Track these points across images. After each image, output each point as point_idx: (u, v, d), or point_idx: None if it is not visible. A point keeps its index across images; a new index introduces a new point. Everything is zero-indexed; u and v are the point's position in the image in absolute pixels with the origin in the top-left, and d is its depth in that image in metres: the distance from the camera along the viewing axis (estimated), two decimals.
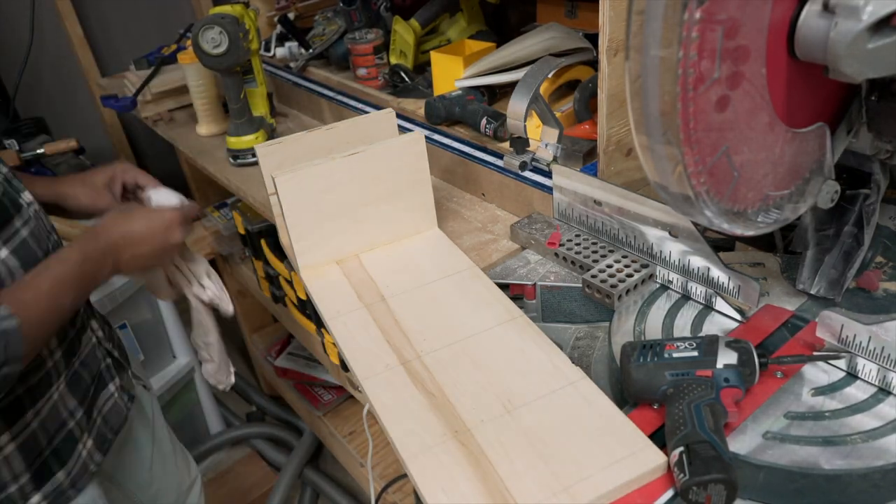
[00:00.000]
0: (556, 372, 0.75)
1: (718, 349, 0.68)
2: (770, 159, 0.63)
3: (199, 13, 2.27)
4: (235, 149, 1.42)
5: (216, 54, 1.28)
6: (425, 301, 0.90)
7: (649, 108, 0.57)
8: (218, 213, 1.97)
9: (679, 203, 0.62)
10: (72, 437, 0.91)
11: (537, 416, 0.70)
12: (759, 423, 0.66)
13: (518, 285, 0.93)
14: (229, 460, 2.17)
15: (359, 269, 0.98)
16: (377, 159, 0.97)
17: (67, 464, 0.90)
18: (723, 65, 0.55)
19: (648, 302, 0.85)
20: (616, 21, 0.90)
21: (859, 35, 0.53)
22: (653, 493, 0.63)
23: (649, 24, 0.54)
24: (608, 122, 0.98)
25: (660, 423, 0.68)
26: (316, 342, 1.56)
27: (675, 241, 0.84)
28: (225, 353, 1.18)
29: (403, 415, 0.73)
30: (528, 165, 1.11)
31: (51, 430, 0.88)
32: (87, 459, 0.94)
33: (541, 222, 1.03)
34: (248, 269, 1.92)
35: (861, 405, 0.67)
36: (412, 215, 1.03)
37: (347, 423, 1.93)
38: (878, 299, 0.78)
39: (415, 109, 1.37)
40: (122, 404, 1.03)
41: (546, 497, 0.62)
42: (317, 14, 1.81)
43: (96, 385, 0.98)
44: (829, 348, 0.70)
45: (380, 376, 0.78)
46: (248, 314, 2.29)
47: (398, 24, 1.50)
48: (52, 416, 0.88)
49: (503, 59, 1.30)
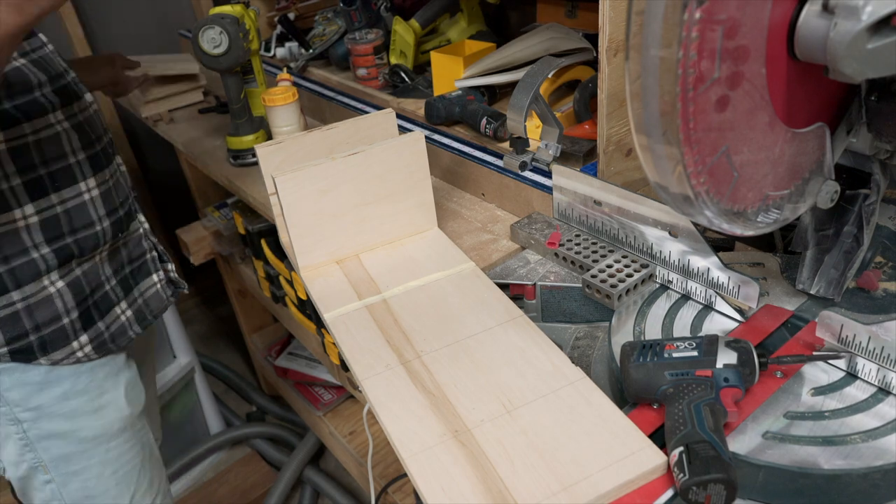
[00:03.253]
0: (556, 372, 0.76)
1: (718, 349, 0.68)
2: (770, 159, 0.63)
3: (199, 13, 2.27)
4: (235, 149, 1.42)
5: (216, 54, 1.28)
6: (425, 301, 0.90)
7: (649, 108, 0.57)
8: (218, 213, 1.97)
9: (679, 203, 0.62)
10: (108, 299, 1.03)
11: (537, 415, 0.71)
12: (758, 423, 0.66)
13: (518, 285, 0.93)
14: (229, 460, 2.17)
15: (359, 269, 0.98)
16: (377, 159, 0.97)
17: (106, 318, 1.02)
18: (723, 65, 0.55)
19: (648, 302, 0.86)
20: (616, 21, 0.90)
21: (859, 35, 0.53)
22: (653, 493, 0.63)
23: (649, 24, 0.54)
24: (608, 122, 0.98)
25: (660, 423, 0.68)
26: (316, 342, 1.56)
27: (675, 241, 0.84)
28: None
29: (403, 415, 0.73)
30: (528, 165, 1.11)
31: (92, 284, 1.00)
32: (126, 325, 1.06)
33: (541, 222, 1.03)
34: (248, 269, 1.92)
35: (861, 405, 0.67)
36: (412, 215, 1.03)
37: (347, 423, 1.94)
38: (877, 299, 0.78)
39: (415, 109, 1.37)
40: (164, 296, 1.14)
41: (546, 497, 0.62)
42: (317, 14, 1.81)
43: (139, 269, 1.09)
44: (829, 348, 0.70)
45: (380, 376, 0.78)
46: (248, 314, 2.29)
47: (398, 25, 1.50)
48: (93, 274, 1.00)
49: (503, 59, 1.30)
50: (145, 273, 1.11)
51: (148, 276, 1.12)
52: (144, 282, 1.11)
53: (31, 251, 0.92)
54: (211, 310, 2.89)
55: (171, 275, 1.18)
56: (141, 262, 1.10)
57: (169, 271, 1.17)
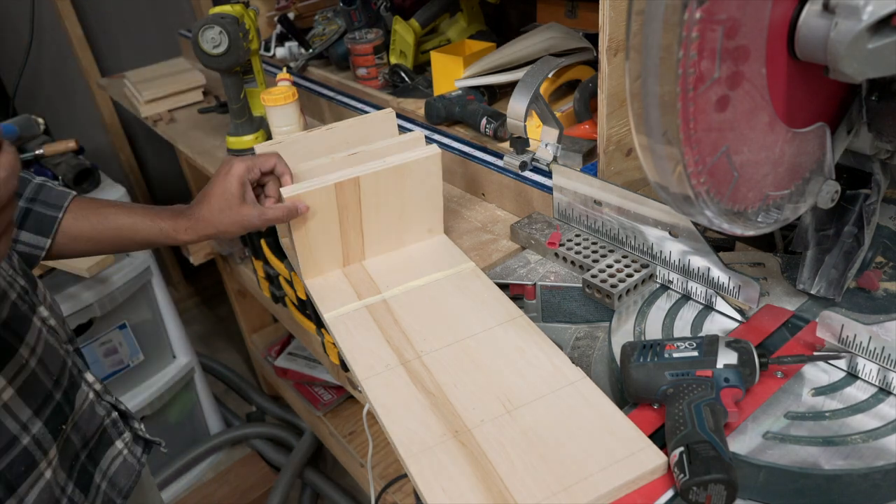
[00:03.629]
0: (556, 372, 0.75)
1: (718, 349, 0.68)
2: (770, 159, 0.63)
3: (199, 13, 2.27)
4: (235, 149, 1.42)
5: (216, 54, 1.28)
6: (425, 301, 0.90)
7: (649, 108, 0.57)
8: None
9: (679, 203, 0.62)
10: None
11: (537, 416, 0.70)
12: (759, 423, 0.66)
13: (518, 285, 0.93)
14: (229, 460, 2.17)
15: (359, 269, 0.98)
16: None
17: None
18: (723, 65, 0.55)
19: (648, 302, 0.85)
20: (616, 21, 0.90)
21: (859, 35, 0.53)
22: (653, 494, 0.63)
23: (649, 24, 0.54)
24: (608, 122, 0.98)
25: (660, 423, 0.68)
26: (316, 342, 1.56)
27: (675, 241, 0.84)
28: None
29: (403, 415, 0.73)
30: (528, 165, 1.11)
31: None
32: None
33: (541, 222, 1.03)
34: (248, 269, 1.92)
35: (861, 405, 0.67)
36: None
37: (347, 423, 1.93)
38: (878, 299, 0.78)
39: (415, 109, 1.37)
40: (133, 461, 0.91)
41: (546, 497, 0.62)
42: (317, 14, 1.81)
43: (97, 446, 0.86)
44: (830, 348, 0.70)
45: (380, 376, 0.78)
46: (247, 314, 2.29)
47: (398, 24, 1.50)
48: (44, 501, 0.74)
49: (503, 59, 1.30)
50: (106, 444, 0.88)
51: (110, 446, 0.88)
52: (106, 455, 0.87)
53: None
54: (211, 310, 2.89)
55: (140, 432, 0.95)
56: (98, 435, 0.86)
57: (136, 429, 0.95)
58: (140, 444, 0.95)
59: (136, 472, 0.91)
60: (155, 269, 1.91)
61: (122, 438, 0.91)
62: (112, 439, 0.89)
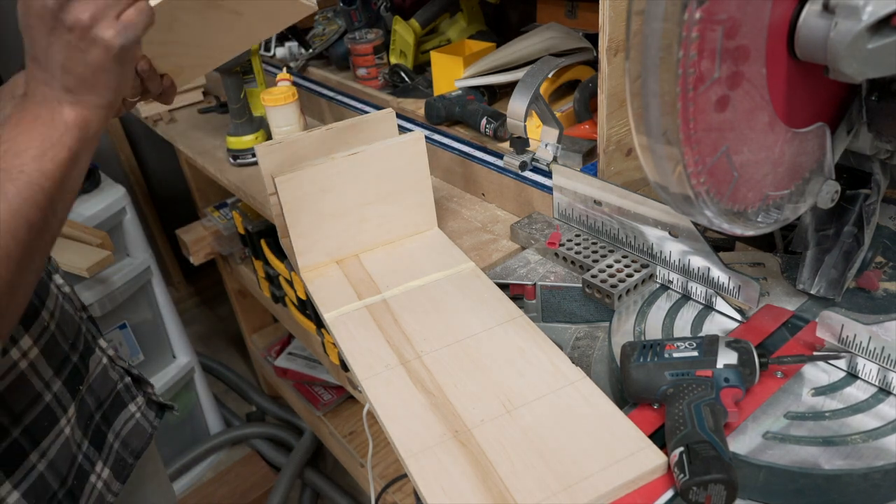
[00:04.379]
0: (556, 372, 0.75)
1: (718, 349, 0.68)
2: (770, 159, 0.63)
3: None
4: (235, 149, 1.42)
5: None
6: (425, 301, 0.90)
7: (649, 107, 0.57)
8: (218, 213, 1.97)
9: (679, 203, 0.62)
10: (81, 473, 0.80)
11: (537, 416, 0.70)
12: (759, 423, 0.66)
13: (518, 285, 0.93)
14: (229, 460, 2.17)
15: (358, 269, 0.98)
16: (377, 159, 0.97)
17: (80, 502, 0.79)
18: (723, 65, 0.55)
19: (648, 302, 0.85)
20: (616, 21, 0.90)
21: (859, 35, 0.53)
22: (653, 493, 0.63)
23: (649, 24, 0.54)
24: (608, 122, 0.98)
25: (660, 423, 0.68)
26: (316, 342, 1.56)
27: (675, 241, 0.84)
28: None
29: (403, 415, 0.73)
30: (528, 165, 1.11)
31: (63, 471, 0.76)
32: (104, 490, 0.83)
33: (541, 222, 1.03)
34: (248, 269, 1.92)
35: (861, 405, 0.67)
36: (412, 215, 1.03)
37: (347, 423, 1.93)
38: (878, 299, 0.78)
39: (415, 109, 1.37)
40: (146, 424, 0.93)
41: (546, 497, 0.62)
42: (316, 14, 1.81)
43: (111, 407, 0.88)
44: (830, 348, 0.70)
45: (380, 376, 0.78)
46: (248, 314, 2.29)
47: (398, 24, 1.50)
48: (64, 455, 0.77)
49: (503, 59, 1.30)
50: (119, 407, 0.90)
51: (123, 409, 0.91)
52: (119, 417, 0.89)
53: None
54: (211, 310, 2.89)
55: (153, 397, 0.98)
56: (112, 398, 0.89)
57: (150, 394, 0.98)
58: (153, 408, 0.97)
59: (148, 434, 0.94)
60: (155, 269, 1.91)
61: (135, 402, 0.93)
62: (125, 402, 0.91)
